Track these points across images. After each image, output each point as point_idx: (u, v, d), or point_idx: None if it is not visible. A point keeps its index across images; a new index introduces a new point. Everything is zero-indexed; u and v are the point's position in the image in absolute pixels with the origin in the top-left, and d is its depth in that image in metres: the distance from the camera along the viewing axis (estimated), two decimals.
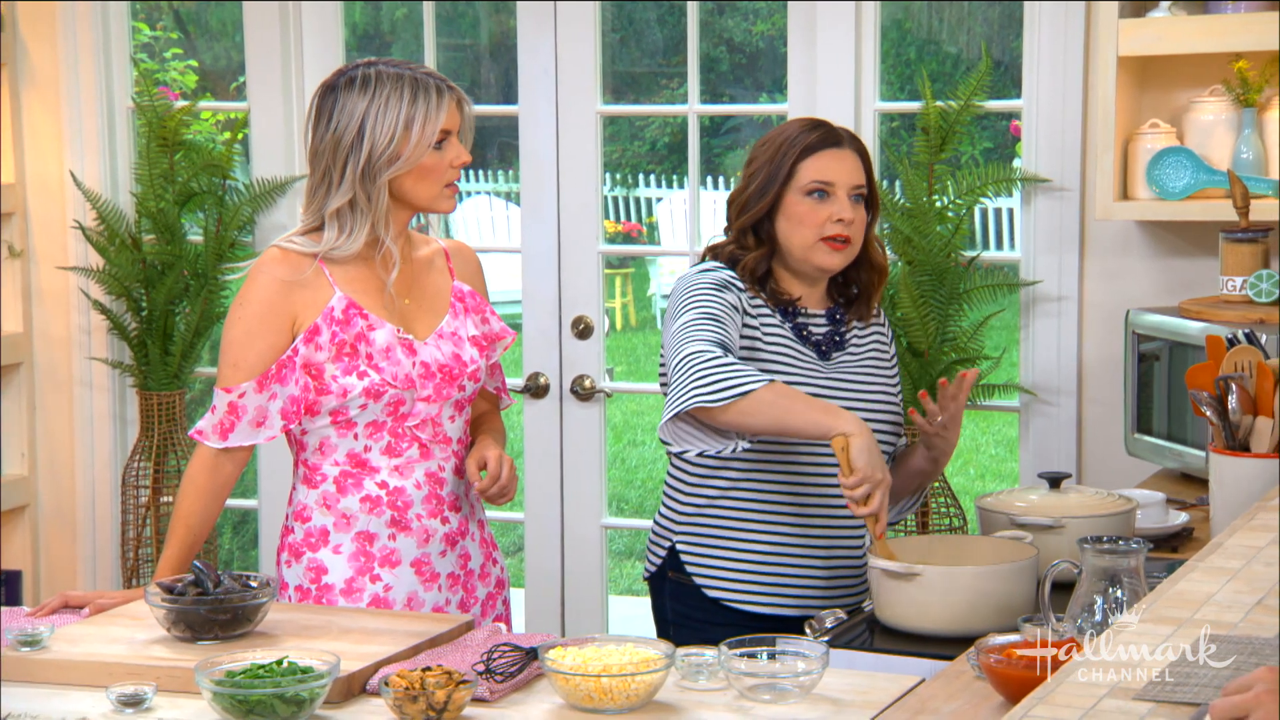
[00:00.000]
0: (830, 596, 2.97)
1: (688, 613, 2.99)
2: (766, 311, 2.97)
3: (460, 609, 2.90)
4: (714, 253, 3.02)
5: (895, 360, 3.12)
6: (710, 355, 2.73)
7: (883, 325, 3.11)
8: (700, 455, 2.92)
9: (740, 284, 2.94)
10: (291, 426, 2.80)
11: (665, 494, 3.07)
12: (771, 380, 2.70)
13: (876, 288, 3.05)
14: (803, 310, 2.99)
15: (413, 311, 2.87)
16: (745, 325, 2.92)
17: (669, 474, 3.06)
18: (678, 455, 2.97)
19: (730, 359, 2.73)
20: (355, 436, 2.82)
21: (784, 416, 2.69)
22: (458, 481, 2.90)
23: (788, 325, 2.97)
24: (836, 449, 2.67)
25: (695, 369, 2.72)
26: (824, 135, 2.96)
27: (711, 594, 2.97)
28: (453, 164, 2.81)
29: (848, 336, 3.03)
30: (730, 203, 3.02)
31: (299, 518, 2.85)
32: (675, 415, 2.72)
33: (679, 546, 3.00)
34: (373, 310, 2.81)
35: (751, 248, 2.97)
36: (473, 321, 2.92)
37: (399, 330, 2.82)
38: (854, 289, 3.06)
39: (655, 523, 3.07)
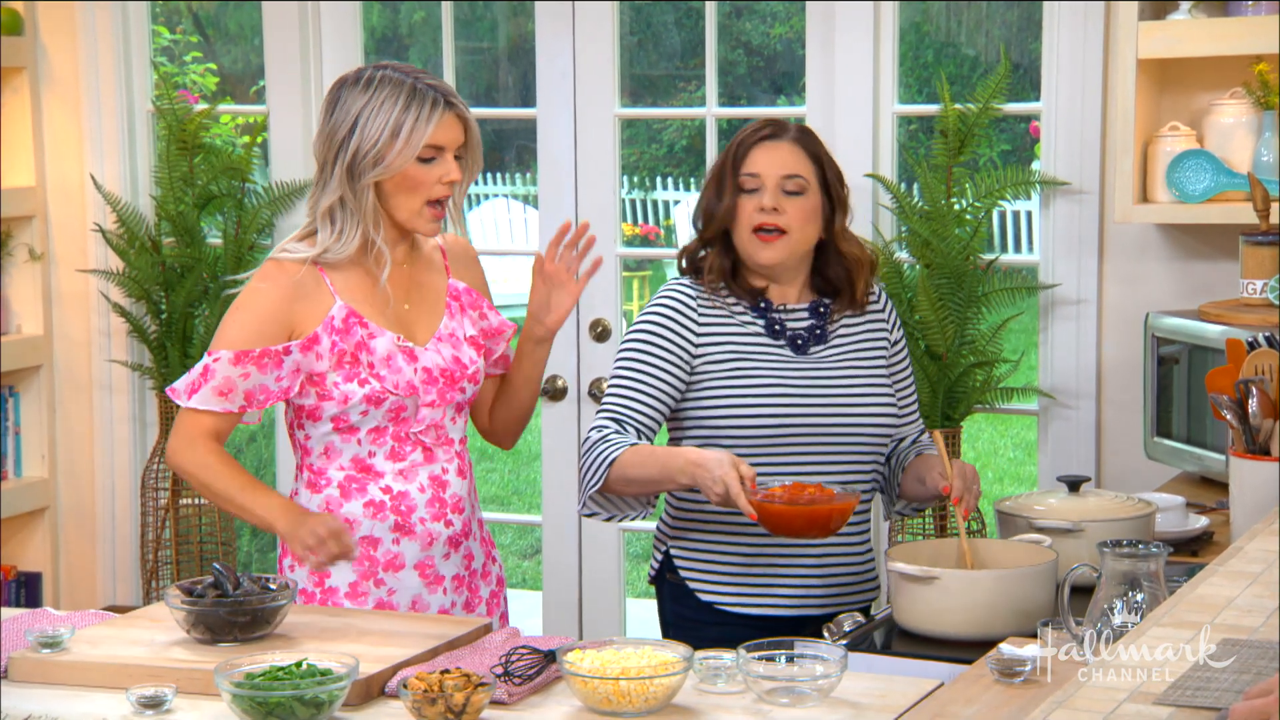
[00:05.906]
0: (827, 597, 2.96)
1: (684, 614, 2.98)
2: (735, 310, 2.97)
3: (465, 610, 2.90)
4: (686, 259, 3.03)
5: (900, 347, 3.07)
6: (592, 442, 2.85)
7: (882, 311, 3.06)
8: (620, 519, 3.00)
9: (695, 298, 2.95)
10: (249, 412, 2.76)
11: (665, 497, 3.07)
12: (631, 446, 2.81)
13: (854, 277, 2.99)
14: (780, 306, 2.98)
15: (412, 315, 2.86)
16: (704, 333, 2.93)
17: None
18: (605, 520, 3.01)
19: (602, 439, 2.83)
20: (359, 442, 2.81)
21: (650, 467, 2.79)
22: (461, 483, 2.90)
23: (761, 321, 2.97)
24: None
25: (584, 459, 2.85)
26: (759, 129, 2.94)
27: (705, 598, 2.96)
28: (440, 180, 2.77)
29: (833, 329, 3.00)
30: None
31: None
32: (584, 505, 2.89)
33: (672, 550, 3.00)
34: (372, 318, 2.80)
35: (710, 249, 2.99)
36: (470, 320, 2.91)
37: (399, 338, 2.81)
38: (834, 283, 3.03)
39: (656, 525, 3.08)
